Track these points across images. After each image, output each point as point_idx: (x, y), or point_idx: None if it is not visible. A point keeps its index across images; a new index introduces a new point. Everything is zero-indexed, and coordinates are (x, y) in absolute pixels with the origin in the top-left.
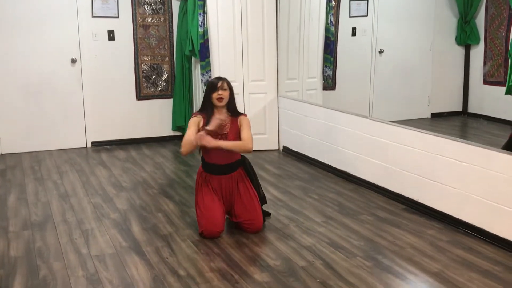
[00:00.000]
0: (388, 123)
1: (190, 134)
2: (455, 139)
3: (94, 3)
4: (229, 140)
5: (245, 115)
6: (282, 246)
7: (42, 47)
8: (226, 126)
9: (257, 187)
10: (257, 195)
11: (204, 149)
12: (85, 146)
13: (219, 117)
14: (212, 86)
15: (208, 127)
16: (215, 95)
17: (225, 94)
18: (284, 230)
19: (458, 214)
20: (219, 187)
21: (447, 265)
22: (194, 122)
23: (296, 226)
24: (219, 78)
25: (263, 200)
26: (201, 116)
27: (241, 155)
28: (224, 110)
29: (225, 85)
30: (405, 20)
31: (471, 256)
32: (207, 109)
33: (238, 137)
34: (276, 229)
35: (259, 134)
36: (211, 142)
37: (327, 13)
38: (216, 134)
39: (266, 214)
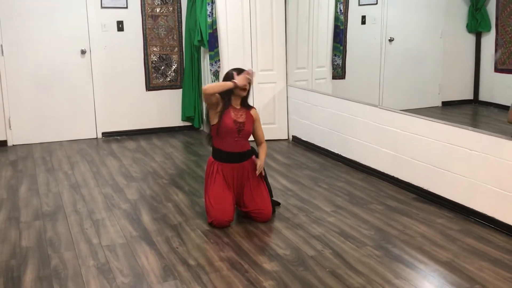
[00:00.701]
0: (398, 112)
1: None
2: (465, 127)
3: None
4: (246, 128)
5: (254, 108)
6: (292, 235)
7: (52, 38)
8: (243, 114)
9: (266, 179)
10: (266, 185)
11: (219, 134)
12: (96, 137)
13: (246, 76)
14: (228, 75)
15: (238, 81)
16: (241, 84)
17: (248, 87)
18: (294, 219)
19: (469, 203)
20: (231, 176)
21: (457, 254)
22: (219, 97)
23: (306, 216)
24: (239, 70)
25: (275, 202)
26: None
27: (251, 146)
28: (239, 101)
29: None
30: (415, 8)
31: (481, 245)
32: (225, 98)
33: (252, 126)
34: (285, 218)
35: (269, 124)
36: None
37: (336, 2)
38: (243, 90)
39: (276, 204)
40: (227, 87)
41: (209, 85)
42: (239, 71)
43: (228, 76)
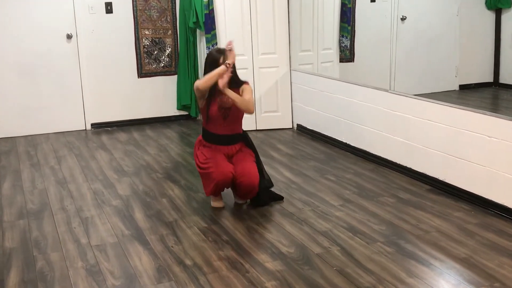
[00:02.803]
0: (410, 96)
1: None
2: (483, 112)
3: None
4: (232, 114)
5: (247, 83)
6: (296, 231)
7: (35, 22)
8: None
9: (260, 169)
10: (254, 158)
11: (207, 119)
12: (84, 128)
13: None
14: (213, 61)
15: (229, 61)
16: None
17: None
18: (298, 214)
19: (488, 195)
20: (220, 153)
21: (475, 250)
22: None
23: (311, 210)
24: (220, 52)
25: (269, 182)
26: None
27: (243, 131)
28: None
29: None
30: None
31: (501, 239)
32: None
33: (241, 111)
34: (289, 213)
35: (271, 112)
36: (223, 84)
37: None
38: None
39: (278, 198)
40: (221, 74)
41: (201, 81)
42: (220, 51)
43: (213, 60)
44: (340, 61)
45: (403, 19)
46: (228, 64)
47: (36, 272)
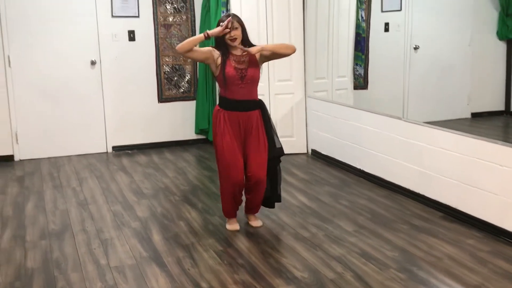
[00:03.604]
0: (424, 125)
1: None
2: (495, 141)
3: (114, 3)
4: (249, 74)
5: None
6: (310, 256)
7: (61, 48)
8: (245, 60)
9: (272, 138)
10: (266, 150)
11: (224, 84)
12: (106, 151)
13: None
14: (220, 23)
15: (209, 32)
16: (227, 36)
17: (237, 33)
18: (312, 239)
19: (501, 223)
20: (237, 123)
21: (488, 278)
22: (208, 50)
23: (325, 235)
24: (228, 16)
25: (280, 151)
26: (218, 53)
27: (260, 100)
28: (240, 46)
29: (236, 24)
30: (441, 14)
31: None
32: (222, 48)
33: (258, 70)
34: (303, 238)
35: (286, 137)
36: (253, 49)
37: (358, 8)
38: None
39: (277, 200)
40: (198, 40)
41: (180, 44)
42: (228, 15)
43: (220, 22)
44: (354, 89)
45: (416, 48)
46: (207, 33)
47: None
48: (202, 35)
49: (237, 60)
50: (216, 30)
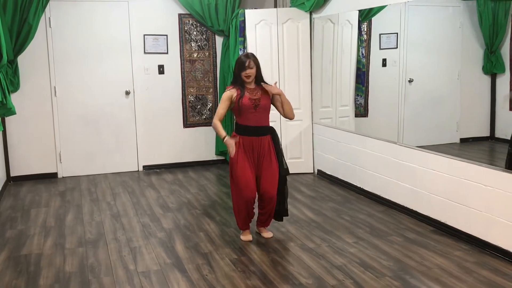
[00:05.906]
0: (417, 149)
1: (222, 111)
2: (480, 164)
3: (146, 41)
4: (262, 103)
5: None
6: (314, 265)
7: (100, 80)
8: (258, 93)
9: (281, 160)
10: (278, 170)
11: (239, 113)
12: (137, 169)
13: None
14: (241, 65)
15: (228, 144)
16: (243, 74)
17: (252, 72)
18: (317, 249)
19: (485, 236)
20: (250, 146)
21: (473, 286)
22: (228, 97)
23: (328, 246)
24: (247, 57)
25: (286, 171)
26: (234, 90)
27: (271, 126)
28: (253, 82)
29: (252, 64)
30: (433, 51)
31: (497, 277)
32: (239, 83)
33: (269, 101)
34: (309, 248)
35: (295, 158)
36: (274, 89)
37: (359, 46)
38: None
39: (284, 214)
40: (219, 134)
41: (214, 127)
42: (247, 56)
43: (241, 63)
44: (356, 116)
45: (410, 81)
46: (226, 143)
47: None
48: (223, 135)
49: (251, 93)
50: (229, 148)
